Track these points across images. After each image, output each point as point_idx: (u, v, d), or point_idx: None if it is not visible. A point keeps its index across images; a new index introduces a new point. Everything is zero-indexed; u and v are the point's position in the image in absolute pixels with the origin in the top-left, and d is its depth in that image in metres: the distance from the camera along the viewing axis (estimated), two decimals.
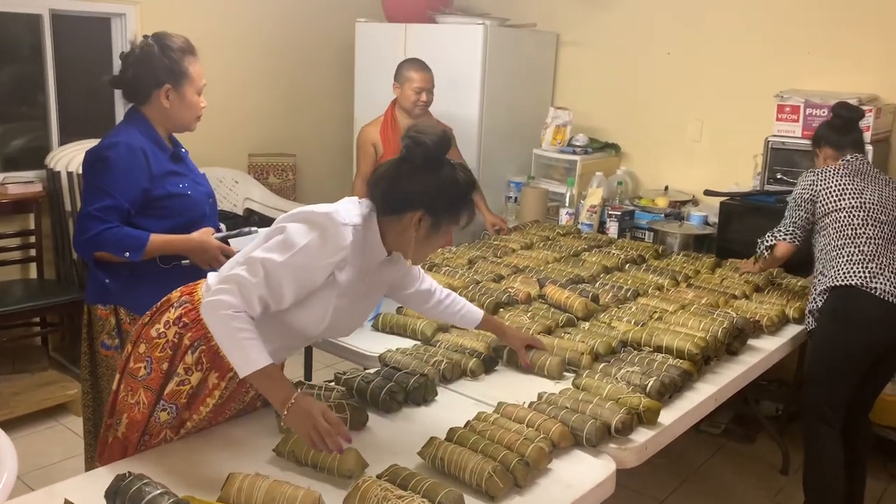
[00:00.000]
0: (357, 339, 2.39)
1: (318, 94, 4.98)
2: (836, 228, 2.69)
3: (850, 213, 2.67)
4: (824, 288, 2.65)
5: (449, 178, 1.68)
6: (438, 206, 1.68)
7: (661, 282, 2.96)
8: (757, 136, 3.70)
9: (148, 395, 1.74)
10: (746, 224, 3.55)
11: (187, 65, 2.19)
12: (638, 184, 4.44)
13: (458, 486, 1.54)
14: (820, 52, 3.75)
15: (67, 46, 4.06)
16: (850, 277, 2.59)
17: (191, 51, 2.21)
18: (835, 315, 2.61)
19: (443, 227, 1.72)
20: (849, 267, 2.61)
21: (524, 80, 4.50)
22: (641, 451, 1.84)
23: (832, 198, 2.71)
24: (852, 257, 2.62)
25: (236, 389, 1.82)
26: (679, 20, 4.20)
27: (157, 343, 1.74)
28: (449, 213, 1.70)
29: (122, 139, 2.14)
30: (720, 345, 2.35)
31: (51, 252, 3.99)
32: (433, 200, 1.67)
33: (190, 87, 2.20)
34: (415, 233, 1.69)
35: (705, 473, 3.36)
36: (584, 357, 2.19)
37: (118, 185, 2.09)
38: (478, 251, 3.28)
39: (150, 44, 2.18)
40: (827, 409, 2.64)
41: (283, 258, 1.60)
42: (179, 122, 2.24)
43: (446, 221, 1.71)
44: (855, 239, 2.64)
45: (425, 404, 1.99)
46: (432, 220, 1.68)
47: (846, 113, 2.90)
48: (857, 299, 2.58)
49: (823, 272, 2.70)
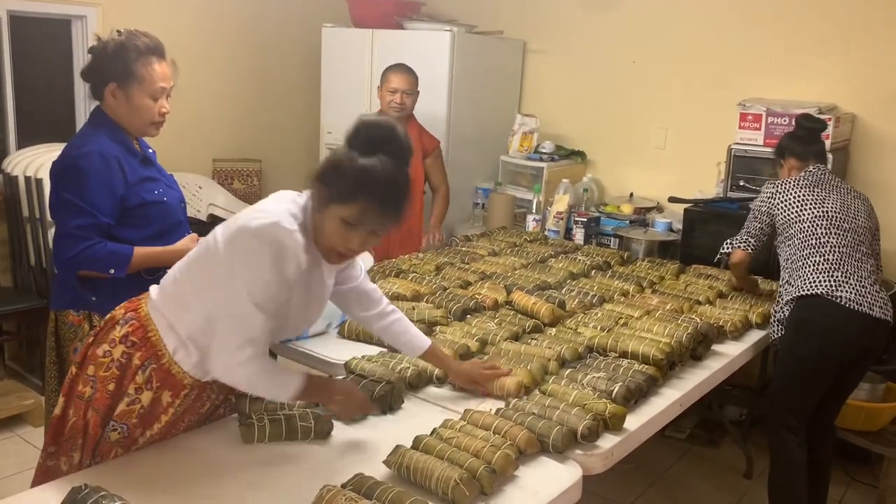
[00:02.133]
0: (322, 347, 2.37)
1: (284, 99, 4.94)
2: (801, 238, 2.70)
3: (813, 223, 2.69)
4: (790, 298, 2.67)
5: (354, 161, 1.56)
6: (327, 178, 1.58)
7: (626, 288, 2.98)
8: (720, 143, 3.76)
9: (95, 417, 1.68)
10: (710, 230, 3.60)
11: (140, 65, 2.06)
12: (603, 191, 4.47)
13: (425, 495, 1.53)
14: (781, 62, 3.82)
15: (26, 49, 3.97)
16: (816, 286, 2.61)
17: (154, 52, 2.10)
18: (801, 324, 2.63)
19: (331, 207, 1.57)
20: (814, 276, 2.63)
21: (491, 87, 4.51)
22: (608, 456, 1.84)
23: (792, 210, 2.74)
24: (817, 266, 2.64)
25: (191, 405, 1.78)
26: (644, 30, 4.25)
27: (102, 362, 1.69)
28: (338, 191, 1.57)
29: (94, 148, 2.04)
30: (685, 350, 2.37)
31: (7, 259, 3.89)
32: (326, 171, 1.59)
33: (139, 88, 2.08)
34: (315, 204, 1.61)
35: (671, 478, 3.38)
36: (550, 363, 2.19)
37: (95, 199, 2.01)
38: (445, 258, 3.27)
39: (110, 39, 2.09)
40: (791, 418, 2.67)
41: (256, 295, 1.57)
42: (129, 124, 2.13)
43: (335, 200, 1.57)
44: (819, 248, 2.66)
45: (391, 412, 1.97)
46: (323, 192, 1.59)
47: (810, 124, 2.94)
48: (822, 308, 2.60)
49: (790, 281, 2.71)
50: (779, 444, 2.70)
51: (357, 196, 1.56)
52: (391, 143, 1.59)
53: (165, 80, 2.13)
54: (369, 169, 1.55)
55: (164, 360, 1.67)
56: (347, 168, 1.56)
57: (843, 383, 2.75)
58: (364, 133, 1.59)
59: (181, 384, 1.70)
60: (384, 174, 1.56)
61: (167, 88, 2.14)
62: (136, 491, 1.51)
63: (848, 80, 3.66)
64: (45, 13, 3.96)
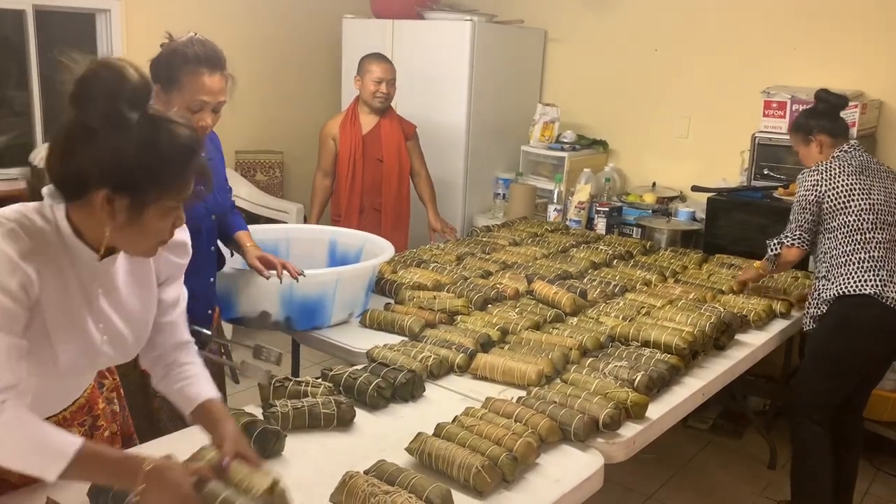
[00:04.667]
0: (344, 336, 2.38)
1: (305, 90, 4.95)
2: (846, 233, 2.57)
3: (860, 217, 2.56)
4: (831, 296, 2.57)
5: (152, 142, 1.19)
6: (132, 180, 1.18)
7: (648, 277, 2.96)
8: (744, 132, 3.72)
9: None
10: (733, 220, 3.57)
11: (185, 74, 1.94)
12: (626, 180, 4.44)
13: (446, 482, 1.54)
14: (806, 49, 3.77)
15: (52, 42, 4.02)
16: (863, 286, 2.51)
17: (205, 63, 1.95)
18: (843, 323, 2.55)
19: (150, 209, 1.21)
20: (860, 275, 2.52)
21: (512, 76, 4.50)
22: (630, 445, 1.84)
23: (840, 199, 2.58)
24: (863, 264, 2.53)
25: None
26: (667, 17, 4.21)
27: None
28: (154, 188, 1.20)
29: None
30: (707, 339, 2.36)
31: None
32: (121, 174, 1.18)
33: (179, 97, 1.95)
34: (110, 220, 1.21)
35: (693, 468, 3.37)
36: (571, 352, 2.19)
37: None
38: (466, 248, 3.28)
39: (177, 40, 2.00)
40: (817, 411, 2.62)
41: None
42: None
43: (154, 199, 1.21)
44: (865, 244, 2.54)
45: (413, 400, 1.98)
46: (130, 201, 1.20)
47: (832, 98, 2.75)
48: (870, 309, 2.52)
49: (828, 277, 2.61)
50: (802, 436, 2.66)
51: (185, 176, 1.23)
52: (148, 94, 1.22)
53: (210, 93, 1.96)
54: (182, 142, 1.22)
55: None
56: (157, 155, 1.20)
57: (871, 377, 2.71)
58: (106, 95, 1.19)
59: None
60: (190, 136, 1.24)
61: (210, 103, 1.97)
62: None
63: (874, 67, 3.60)
64: (70, 7, 4.00)
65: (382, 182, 3.69)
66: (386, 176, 3.69)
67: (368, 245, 2.75)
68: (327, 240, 2.85)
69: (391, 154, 3.67)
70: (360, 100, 3.65)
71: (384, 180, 3.69)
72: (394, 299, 2.66)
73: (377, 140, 3.66)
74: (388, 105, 3.65)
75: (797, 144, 2.80)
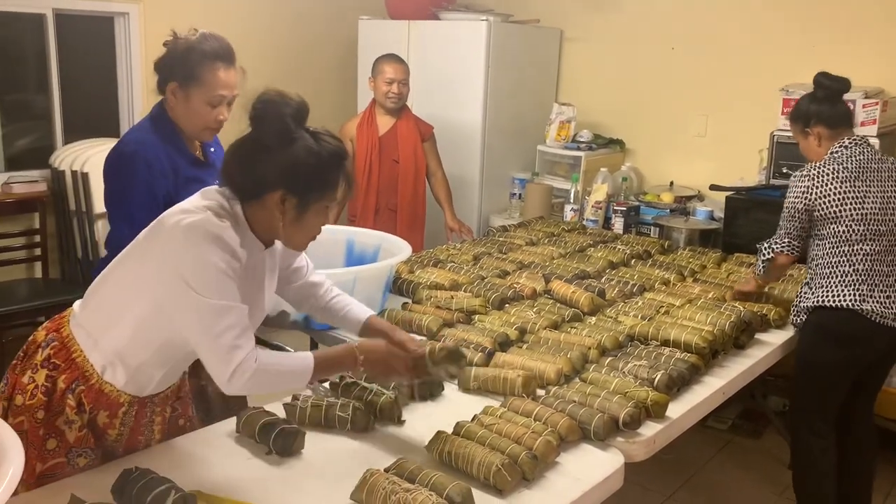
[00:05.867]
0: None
1: (321, 92, 4.96)
2: (833, 243, 2.46)
3: (850, 228, 2.43)
4: (810, 305, 2.50)
5: (306, 149, 1.48)
6: (299, 182, 1.49)
7: (667, 277, 2.95)
8: (762, 130, 3.69)
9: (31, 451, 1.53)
10: (752, 219, 3.54)
11: (204, 69, 2.00)
12: (643, 179, 4.43)
13: (466, 480, 1.53)
14: (825, 46, 3.74)
15: (71, 46, 4.06)
16: (841, 299, 2.43)
17: (221, 58, 2.02)
18: (820, 333, 2.49)
19: (312, 206, 1.52)
20: (840, 289, 2.44)
21: (528, 76, 4.49)
22: (650, 444, 1.83)
23: (831, 209, 2.44)
24: (845, 278, 2.44)
25: (135, 424, 1.67)
26: (683, 15, 4.19)
27: (27, 390, 1.57)
28: (315, 189, 1.51)
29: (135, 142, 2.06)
30: (728, 338, 2.34)
31: (55, 251, 3.99)
32: (292, 177, 1.49)
33: (199, 92, 2.01)
34: (281, 216, 1.52)
35: (712, 469, 3.34)
36: (590, 351, 2.18)
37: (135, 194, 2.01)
38: (482, 247, 3.27)
39: (184, 37, 2.05)
40: (818, 422, 2.55)
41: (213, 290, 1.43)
42: (184, 126, 2.10)
43: (315, 198, 1.52)
44: (850, 256, 2.44)
45: (432, 399, 1.98)
46: (298, 200, 1.50)
47: (831, 82, 2.54)
48: (846, 321, 2.44)
49: (810, 285, 2.53)
50: (804, 451, 2.59)
51: (338, 181, 1.53)
52: (306, 114, 1.53)
53: (227, 87, 2.04)
54: (332, 151, 1.52)
55: (93, 380, 1.56)
56: (317, 163, 1.49)
57: (868, 384, 2.63)
58: (278, 117, 1.48)
59: (117, 402, 1.60)
60: (338, 146, 1.54)
61: (227, 97, 2.05)
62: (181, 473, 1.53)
63: (895, 63, 3.56)
64: (89, 11, 4.04)
65: (398, 183, 3.70)
66: (402, 177, 3.69)
67: (385, 244, 2.75)
68: (344, 240, 2.85)
69: (407, 155, 3.68)
70: (375, 101, 3.66)
71: (400, 181, 3.70)
72: (411, 299, 2.66)
73: (393, 141, 3.67)
74: (401, 105, 3.65)
75: (796, 136, 2.64)
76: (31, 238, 3.91)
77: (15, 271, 3.88)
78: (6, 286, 3.73)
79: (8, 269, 3.83)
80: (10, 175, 3.86)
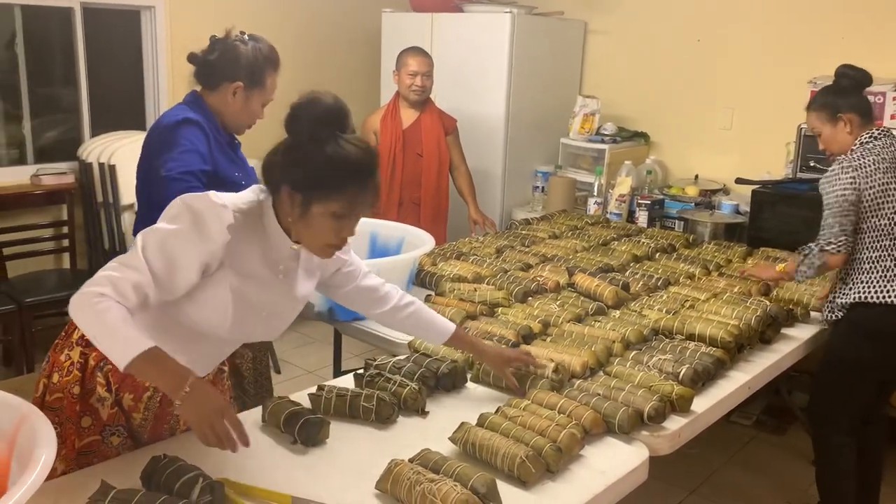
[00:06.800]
0: (386, 327, 2.39)
1: (344, 85, 4.95)
2: (874, 237, 2.40)
3: (892, 220, 2.38)
4: (848, 301, 2.43)
5: (318, 148, 1.46)
6: (303, 180, 1.47)
7: (692, 270, 2.92)
8: (789, 123, 3.64)
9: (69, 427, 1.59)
10: (778, 213, 3.50)
11: (266, 75, 2.21)
12: (667, 173, 4.39)
13: (490, 471, 1.53)
14: (854, 38, 3.68)
15: (98, 39, 4.10)
16: (886, 295, 2.36)
17: (274, 64, 2.23)
18: (860, 331, 2.42)
19: (315, 206, 1.47)
20: (882, 284, 2.37)
21: (552, 68, 4.47)
22: (675, 438, 1.82)
23: (875, 200, 2.38)
24: (888, 272, 2.37)
25: (160, 412, 1.68)
26: (709, 6, 4.15)
27: (64, 366, 1.62)
28: (317, 188, 1.46)
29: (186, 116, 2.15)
30: (754, 333, 2.32)
31: (83, 242, 4.04)
32: (297, 175, 1.47)
33: (259, 95, 2.21)
34: (290, 210, 1.50)
35: (736, 464, 3.32)
36: (614, 345, 2.17)
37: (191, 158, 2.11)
38: (505, 241, 3.27)
39: (245, 39, 2.20)
40: (844, 420, 2.49)
41: (152, 242, 1.44)
42: (233, 121, 2.25)
43: (318, 198, 1.47)
44: (892, 251, 2.39)
45: (455, 390, 1.98)
46: (302, 198, 1.48)
47: (854, 73, 2.48)
48: (889, 318, 2.39)
49: (846, 281, 2.46)
50: (828, 450, 2.54)
51: (345, 187, 1.47)
52: (339, 118, 1.50)
53: (274, 92, 2.27)
54: (345, 156, 1.46)
55: None
56: (322, 162, 1.46)
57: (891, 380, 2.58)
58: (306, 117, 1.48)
59: (142, 386, 1.62)
60: (358, 155, 1.48)
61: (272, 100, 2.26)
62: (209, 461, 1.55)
63: None
64: (116, 4, 4.08)
65: (422, 176, 3.70)
66: (425, 170, 3.70)
67: (409, 237, 2.76)
68: (368, 232, 2.86)
69: (431, 149, 3.68)
70: (399, 94, 3.67)
71: (423, 174, 3.70)
72: (434, 291, 2.67)
73: (417, 135, 3.67)
74: (424, 98, 3.65)
75: (821, 125, 2.50)
76: (60, 229, 3.96)
77: (43, 262, 3.94)
78: (35, 276, 3.79)
79: (37, 260, 3.89)
80: (38, 167, 3.91)
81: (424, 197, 3.72)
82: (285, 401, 1.79)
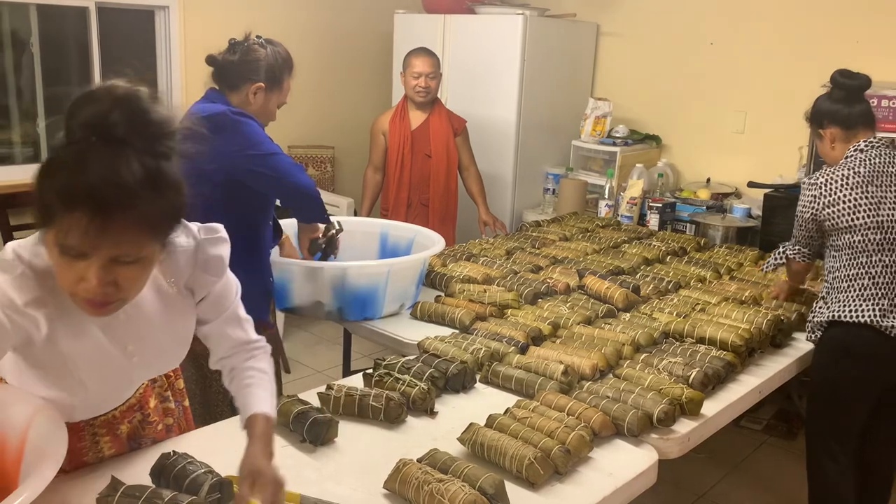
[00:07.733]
0: (395, 327, 2.40)
1: (356, 86, 4.99)
2: (850, 254, 2.29)
3: (865, 237, 2.26)
4: (826, 320, 2.33)
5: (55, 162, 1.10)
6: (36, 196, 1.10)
7: (703, 274, 2.91)
8: (802, 127, 3.54)
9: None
10: (791, 217, 3.41)
11: (287, 79, 2.28)
12: (679, 176, 4.38)
13: (498, 472, 1.53)
14: (869, 41, 3.66)
15: (112, 39, 4.13)
16: (861, 314, 2.25)
17: (290, 68, 2.30)
18: (838, 350, 2.32)
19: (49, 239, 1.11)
20: (859, 303, 2.26)
21: (563, 70, 4.46)
22: (684, 441, 1.81)
23: (843, 217, 2.28)
24: (864, 291, 2.26)
25: (73, 446, 1.42)
26: (722, 9, 4.13)
27: None
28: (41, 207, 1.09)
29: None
30: (765, 337, 2.31)
31: None
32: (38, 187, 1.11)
33: (277, 97, 2.27)
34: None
35: (746, 468, 3.30)
36: (624, 348, 2.17)
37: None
38: (515, 242, 3.27)
39: (262, 42, 2.24)
40: (834, 444, 2.39)
41: None
42: None
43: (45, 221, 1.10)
44: (869, 269, 2.26)
45: (464, 391, 1.98)
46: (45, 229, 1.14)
47: (846, 80, 2.37)
48: (866, 338, 2.26)
49: (826, 300, 2.37)
50: (819, 475, 2.43)
51: (55, 209, 1.06)
52: (108, 122, 1.07)
53: (289, 95, 2.34)
54: (65, 166, 1.07)
55: None
56: (47, 171, 1.09)
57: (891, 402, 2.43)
58: (78, 117, 1.08)
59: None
60: (90, 171, 1.05)
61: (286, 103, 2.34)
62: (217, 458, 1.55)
63: None
64: (131, 4, 4.11)
65: (430, 177, 3.70)
66: (434, 171, 3.70)
67: (419, 238, 2.76)
68: (378, 232, 2.87)
69: (439, 150, 3.68)
70: (406, 97, 3.68)
71: (432, 176, 3.70)
72: (444, 292, 2.67)
73: (426, 136, 3.67)
74: (429, 99, 3.65)
75: (814, 137, 2.50)
76: None
77: None
78: None
79: None
80: None
81: (433, 198, 3.72)
82: (294, 399, 1.79)
